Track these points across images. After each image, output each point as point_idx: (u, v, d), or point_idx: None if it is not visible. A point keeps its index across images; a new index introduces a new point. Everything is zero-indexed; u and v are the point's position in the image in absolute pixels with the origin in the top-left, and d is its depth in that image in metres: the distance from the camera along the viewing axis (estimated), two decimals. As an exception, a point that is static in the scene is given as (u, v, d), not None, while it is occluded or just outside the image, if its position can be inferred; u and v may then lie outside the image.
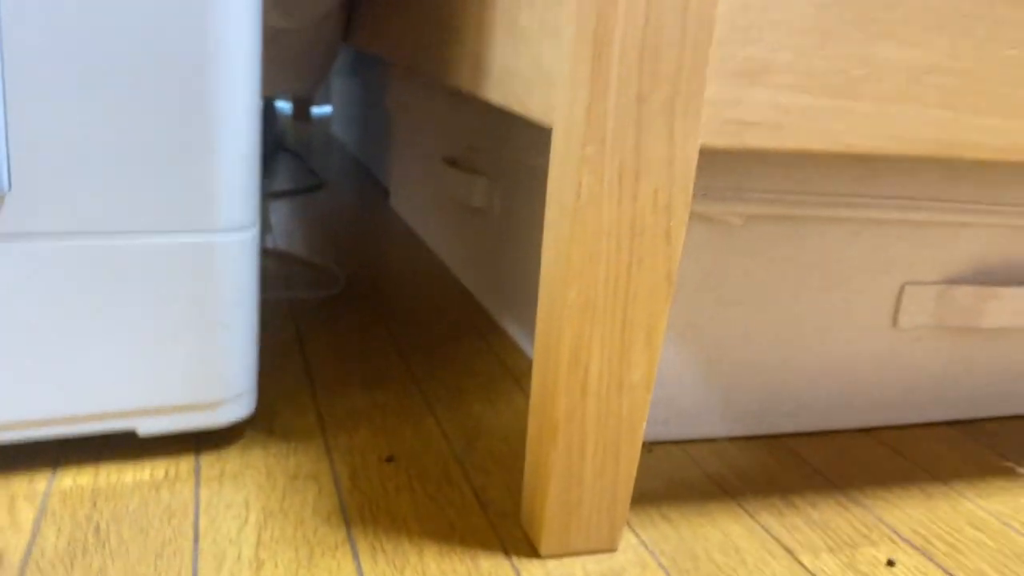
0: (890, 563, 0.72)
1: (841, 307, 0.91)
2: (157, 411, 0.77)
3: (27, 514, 0.69)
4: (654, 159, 0.61)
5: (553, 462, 0.67)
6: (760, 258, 0.86)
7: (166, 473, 0.76)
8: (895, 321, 0.93)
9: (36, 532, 0.66)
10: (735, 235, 0.84)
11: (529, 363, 1.08)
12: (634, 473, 0.69)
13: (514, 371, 1.05)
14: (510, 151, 1.17)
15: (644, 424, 0.67)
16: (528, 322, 1.11)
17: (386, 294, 1.32)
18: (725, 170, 0.80)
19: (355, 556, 0.67)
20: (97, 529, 0.67)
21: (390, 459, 0.82)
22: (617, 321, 0.63)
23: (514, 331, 1.16)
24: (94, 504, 0.71)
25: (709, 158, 0.80)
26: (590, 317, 0.63)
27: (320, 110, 3.27)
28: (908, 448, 0.94)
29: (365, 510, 0.73)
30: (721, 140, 0.63)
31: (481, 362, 1.08)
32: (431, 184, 1.56)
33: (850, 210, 0.86)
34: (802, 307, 0.89)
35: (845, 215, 0.85)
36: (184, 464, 0.78)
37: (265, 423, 0.87)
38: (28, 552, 0.64)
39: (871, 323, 0.92)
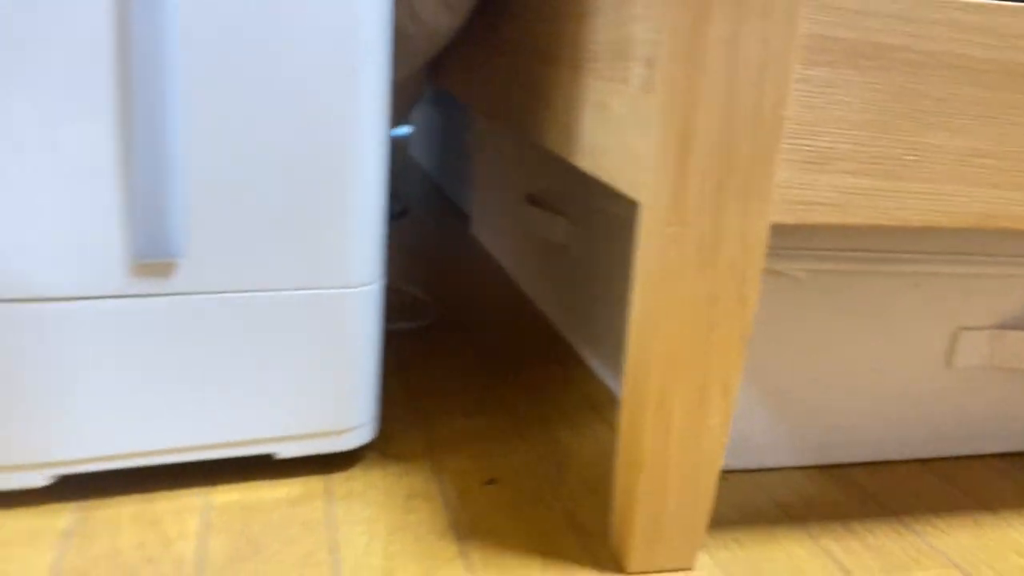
0: (939, 587, 0.81)
1: (898, 350, 0.99)
2: (294, 438, 0.90)
3: (193, 524, 0.82)
4: (730, 236, 0.71)
5: (640, 492, 0.77)
6: (823, 308, 0.95)
7: (300, 492, 0.89)
8: (949, 362, 1.01)
9: (202, 541, 0.79)
10: (800, 287, 0.93)
11: (607, 393, 1.19)
12: (711, 503, 0.79)
13: (593, 401, 1.16)
14: (590, 197, 1.28)
15: (721, 461, 0.78)
16: (605, 354, 1.22)
17: (474, 324, 1.44)
18: (792, 232, 0.90)
19: (469, 568, 0.79)
20: (252, 539, 0.80)
21: (491, 482, 0.94)
22: (698, 374, 0.74)
23: (593, 362, 1.26)
24: (245, 517, 0.84)
25: (779, 225, 0.89)
26: (673, 370, 0.74)
27: (396, 131, 3.41)
28: (960, 478, 1.02)
29: (473, 529, 0.85)
30: (789, 218, 0.72)
31: (564, 392, 1.19)
32: (512, 217, 1.68)
33: (906, 265, 0.94)
34: (861, 351, 0.98)
35: (902, 269, 0.94)
36: (316, 483, 0.90)
37: (381, 448, 0.99)
38: (200, 560, 0.77)
39: (926, 364, 1.00)
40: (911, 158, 0.73)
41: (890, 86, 0.71)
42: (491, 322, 1.46)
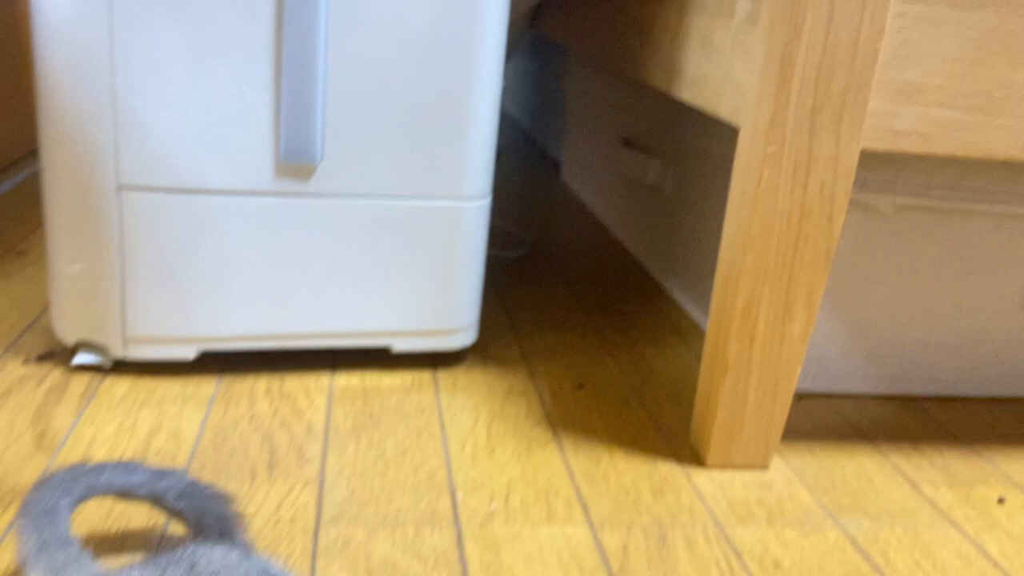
0: (1000, 500, 0.86)
1: (978, 290, 1.03)
2: (409, 334, 0.99)
3: (320, 400, 0.92)
4: (822, 158, 0.77)
5: (722, 393, 0.85)
6: (907, 243, 1.00)
7: (413, 381, 0.99)
8: (1028, 304, 1.05)
9: (329, 412, 0.90)
10: (887, 222, 0.98)
11: (691, 322, 1.26)
12: (788, 408, 0.86)
13: (678, 329, 1.23)
14: (682, 134, 1.33)
15: (799, 368, 0.84)
16: (691, 288, 1.28)
17: (565, 258, 1.52)
18: (882, 166, 0.95)
19: (561, 450, 0.87)
20: (372, 414, 0.90)
21: (581, 386, 1.02)
22: (783, 284, 0.81)
23: (678, 296, 1.33)
24: (365, 397, 0.94)
25: (869, 156, 0.94)
26: (762, 279, 0.80)
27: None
28: (1032, 418, 1.06)
29: (565, 421, 0.93)
30: (878, 145, 0.78)
31: (649, 319, 1.26)
32: (604, 161, 1.74)
33: (991, 206, 0.98)
34: (942, 287, 1.03)
35: (986, 210, 0.98)
36: (425, 376, 1.00)
37: (481, 352, 1.08)
38: (326, 426, 0.87)
39: (1004, 305, 1.05)
40: (1000, 94, 0.78)
41: (983, 24, 0.76)
42: (581, 257, 1.54)
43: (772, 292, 0.81)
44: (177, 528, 0.70)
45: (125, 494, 0.68)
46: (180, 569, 0.42)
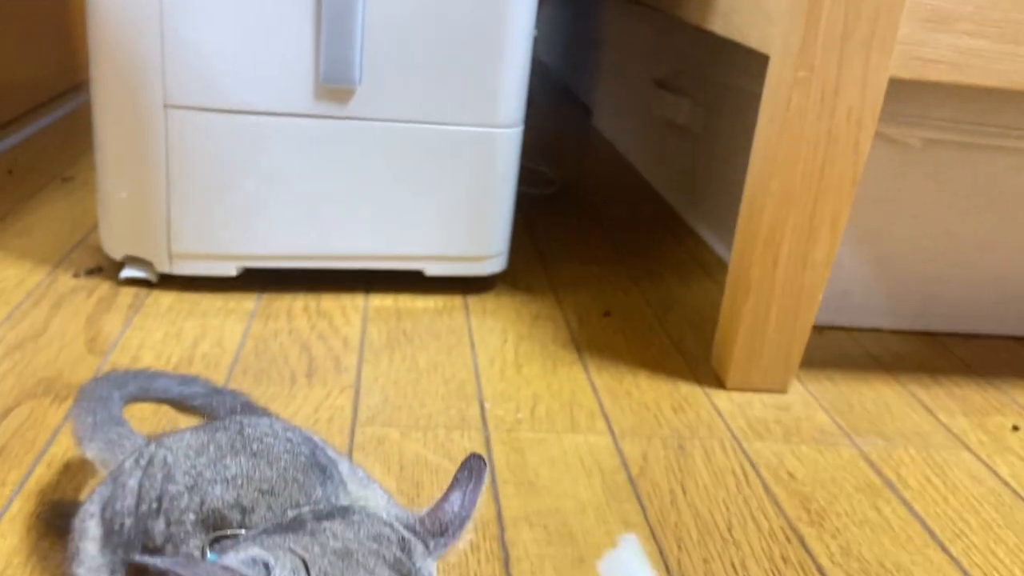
0: (1015, 428, 0.88)
1: (1004, 229, 1.04)
2: (441, 258, 1.02)
3: (355, 318, 0.96)
4: (851, 84, 0.78)
5: (744, 316, 0.87)
6: (934, 178, 1.01)
7: (444, 305, 1.02)
8: (1053, 243, 1.06)
9: (364, 329, 0.94)
10: (914, 156, 0.99)
11: (716, 257, 1.28)
12: (808, 333, 0.88)
13: (704, 264, 1.25)
14: (714, 74, 1.34)
15: (821, 294, 0.87)
16: (718, 226, 1.30)
17: (594, 196, 1.54)
18: (910, 99, 0.96)
19: (585, 370, 0.91)
20: (405, 332, 0.94)
21: (607, 314, 1.05)
22: (808, 209, 0.82)
23: (705, 234, 1.35)
24: (398, 317, 0.97)
25: (898, 87, 0.95)
26: (786, 204, 0.82)
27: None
28: (1052, 356, 1.07)
29: (590, 344, 0.96)
30: (907, 73, 0.79)
31: (675, 254, 1.28)
32: (636, 104, 1.75)
33: (1019, 142, 0.99)
34: (968, 226, 1.04)
35: (1015, 146, 0.99)
36: (456, 301, 1.04)
37: (510, 281, 1.11)
38: (362, 340, 0.91)
39: (1030, 243, 1.05)
40: (1032, 22, 0.78)
41: (1019, -49, 0.76)
42: (609, 196, 1.56)
43: (796, 217, 0.83)
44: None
45: (179, 403, 0.73)
46: (229, 432, 0.45)
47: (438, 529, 0.37)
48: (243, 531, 0.39)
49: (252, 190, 0.94)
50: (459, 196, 1.00)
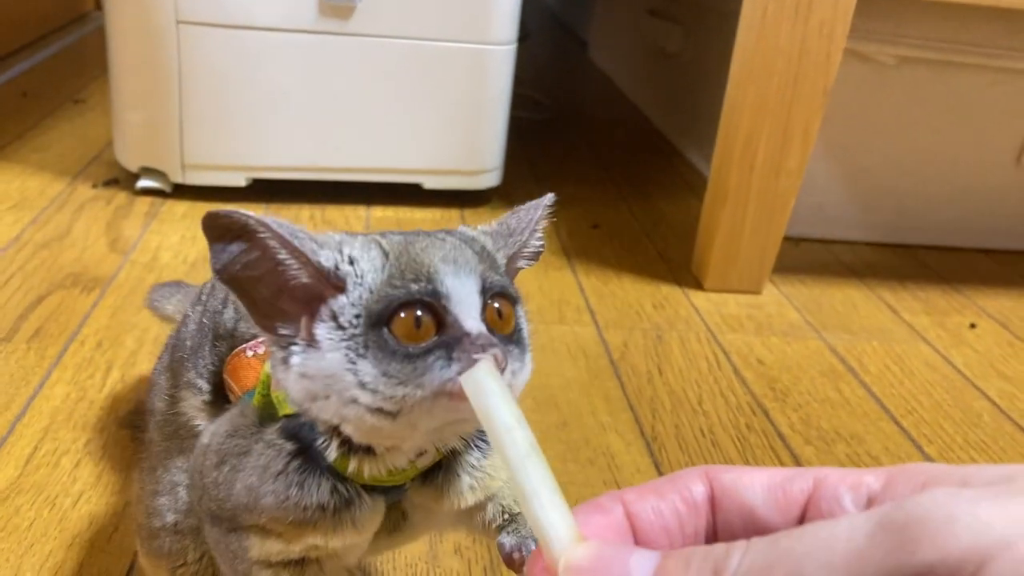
0: (972, 326, 0.95)
1: (973, 144, 1.10)
2: (438, 172, 1.08)
3: (358, 227, 1.02)
4: (823, -2, 0.83)
5: (721, 222, 0.93)
6: (906, 95, 1.06)
7: (441, 216, 1.08)
8: (1019, 160, 1.11)
9: (366, 237, 1.00)
10: (887, 73, 1.04)
11: (701, 178, 1.33)
12: (781, 237, 0.95)
13: (690, 184, 1.31)
14: (704, 0, 1.38)
15: (793, 201, 0.92)
16: (705, 149, 1.35)
17: (587, 122, 1.59)
18: (884, 17, 1.00)
19: (574, 273, 0.97)
20: (405, 239, 1.00)
21: (596, 226, 1.11)
22: (782, 119, 0.88)
23: (693, 157, 1.40)
24: (399, 227, 1.03)
25: (871, 5, 1.00)
26: (762, 114, 0.88)
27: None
28: (1020, 266, 1.13)
29: (580, 252, 1.03)
30: (877, -14, 0.84)
31: (664, 175, 1.34)
32: (629, 35, 1.79)
33: (990, 59, 1.04)
34: (939, 141, 1.09)
35: (985, 63, 1.04)
36: (453, 213, 1.10)
37: (504, 196, 1.17)
38: (364, 246, 0.97)
39: (997, 160, 1.11)
40: (996, -62, 0.83)
41: None
42: (601, 123, 1.61)
43: (771, 126, 0.88)
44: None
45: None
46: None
47: (507, 232, 0.38)
48: None
49: (259, 104, 0.99)
50: (455, 112, 1.05)
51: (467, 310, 0.31)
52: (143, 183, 1.02)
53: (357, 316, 0.32)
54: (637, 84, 1.73)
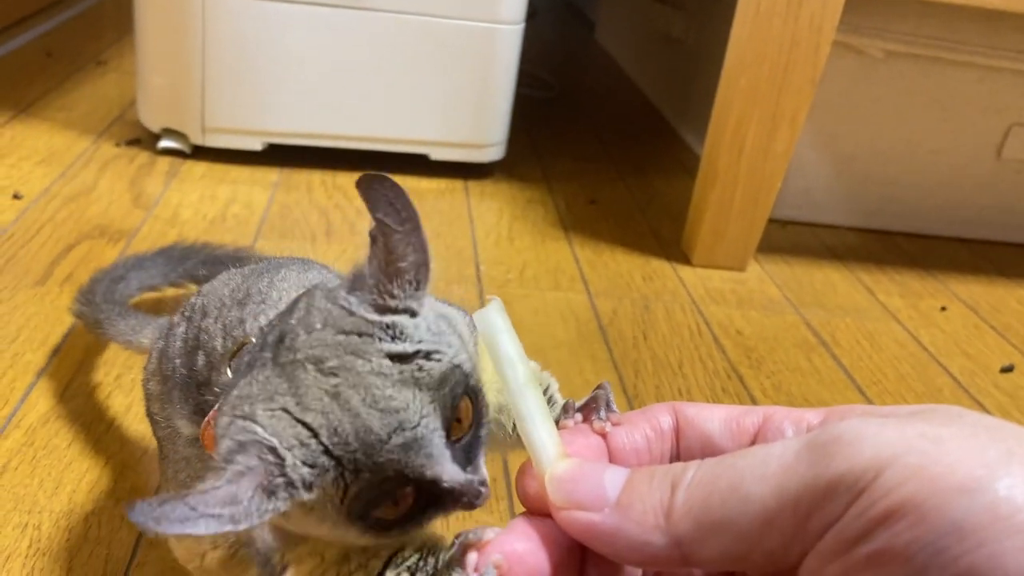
0: (943, 309, 1.01)
1: (956, 137, 1.15)
2: (444, 144, 1.13)
3: (367, 193, 1.07)
4: (814, -7, 0.88)
5: (711, 201, 0.99)
6: (893, 88, 1.11)
7: (446, 187, 1.14)
8: (999, 154, 1.16)
9: (375, 203, 1.05)
10: (875, 66, 1.09)
11: (698, 160, 1.38)
12: (766, 218, 1.00)
13: (686, 165, 1.36)
14: (709, -9, 1.43)
15: (780, 183, 0.98)
16: (702, 132, 1.40)
17: (590, 102, 1.64)
18: (873, 12, 1.05)
19: (570, 244, 1.03)
20: (411, 206, 1.06)
21: (593, 202, 1.17)
22: (771, 106, 0.93)
23: (689, 138, 1.45)
24: (405, 194, 1.09)
25: (861, 0, 1.05)
26: (752, 101, 0.93)
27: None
28: (993, 255, 1.19)
29: (576, 225, 1.08)
30: (866, -16, 0.89)
31: (661, 156, 1.39)
32: (635, 18, 1.83)
33: (975, 57, 1.09)
34: (923, 132, 1.15)
35: (970, 60, 1.09)
36: (457, 184, 1.15)
37: (507, 170, 1.22)
38: (373, 211, 1.03)
39: (979, 153, 1.16)
40: (979, -58, 0.88)
41: None
42: (604, 103, 1.66)
43: (761, 112, 0.94)
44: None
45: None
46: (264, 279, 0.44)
47: (394, 278, 0.29)
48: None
49: (277, 72, 1.04)
50: (463, 87, 1.10)
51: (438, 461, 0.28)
52: (164, 143, 1.08)
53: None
54: (640, 66, 1.78)
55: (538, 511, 0.28)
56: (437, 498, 0.28)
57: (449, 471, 0.28)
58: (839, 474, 0.22)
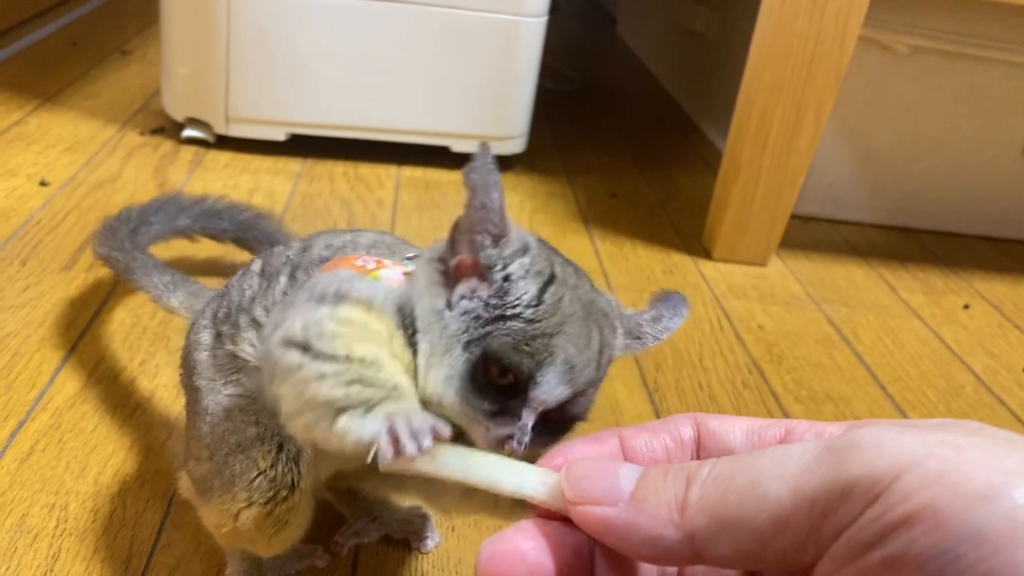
0: (966, 306, 1.00)
1: (982, 135, 1.14)
2: (465, 136, 1.14)
3: (389, 184, 1.08)
4: (841, -14, 0.88)
5: (733, 196, 0.98)
6: (919, 84, 1.10)
7: (467, 178, 1.14)
8: (1026, 151, 1.15)
9: (396, 194, 1.06)
10: (902, 62, 1.09)
11: (719, 155, 1.38)
12: (789, 213, 1.00)
13: (706, 159, 1.36)
14: (733, -15, 1.42)
15: (803, 178, 0.97)
16: (724, 126, 1.40)
17: (611, 96, 1.64)
18: (900, 8, 1.05)
19: (590, 237, 1.02)
20: (432, 198, 1.06)
21: (613, 196, 1.17)
22: (795, 100, 0.93)
23: (711, 133, 1.45)
24: (427, 186, 1.09)
25: (891, -3, 1.04)
26: (777, 95, 0.93)
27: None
28: (1017, 254, 1.18)
29: (596, 219, 1.08)
30: (893, -22, 0.88)
31: (682, 150, 1.39)
32: (656, 12, 1.83)
33: (1002, 53, 1.08)
34: (948, 130, 1.14)
35: (998, 57, 1.08)
36: (478, 175, 1.15)
37: (528, 163, 1.22)
38: (395, 202, 1.03)
39: (1003, 151, 1.15)
40: (1009, -63, 0.87)
41: None
42: (625, 97, 1.65)
43: (785, 107, 0.93)
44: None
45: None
46: (293, 248, 0.47)
47: (634, 331, 0.40)
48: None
49: (301, 63, 1.05)
50: (485, 79, 1.10)
51: (537, 407, 0.34)
52: (188, 132, 1.08)
53: (478, 320, 0.34)
54: (662, 60, 1.77)
55: (550, 514, 0.29)
56: (509, 416, 0.33)
57: (532, 415, 0.33)
58: (857, 477, 0.22)
